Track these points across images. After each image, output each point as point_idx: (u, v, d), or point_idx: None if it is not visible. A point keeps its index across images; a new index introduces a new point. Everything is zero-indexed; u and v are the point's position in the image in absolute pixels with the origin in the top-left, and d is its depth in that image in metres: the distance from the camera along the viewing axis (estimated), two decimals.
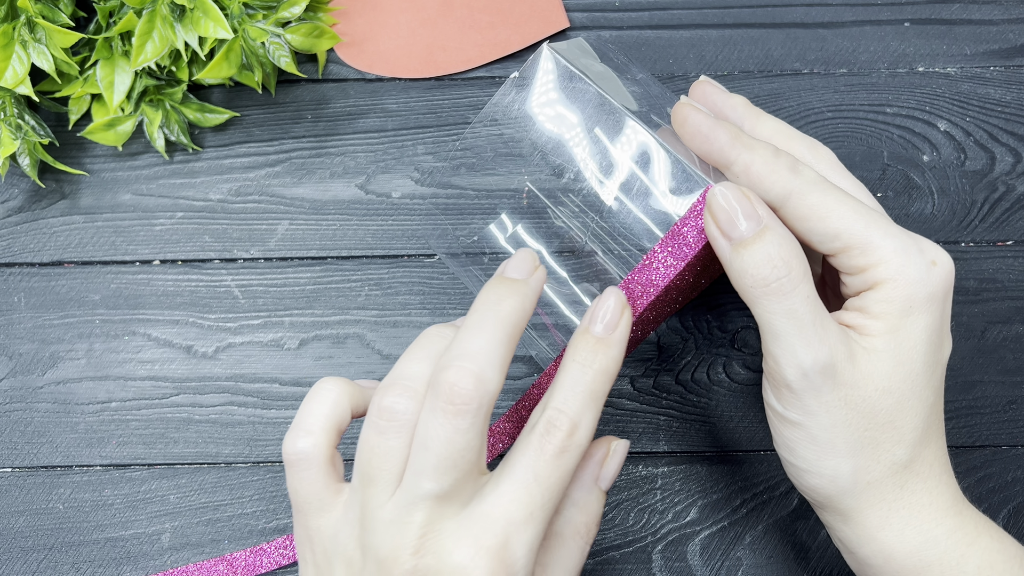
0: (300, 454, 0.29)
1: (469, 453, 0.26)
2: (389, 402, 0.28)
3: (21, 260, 0.42)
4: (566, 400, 0.28)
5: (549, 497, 0.27)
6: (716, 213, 0.28)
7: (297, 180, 0.42)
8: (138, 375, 0.40)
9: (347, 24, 0.44)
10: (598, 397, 0.28)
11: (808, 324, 0.27)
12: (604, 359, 0.28)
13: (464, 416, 0.26)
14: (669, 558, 0.39)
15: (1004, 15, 0.44)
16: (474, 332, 0.27)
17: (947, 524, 0.29)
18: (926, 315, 0.29)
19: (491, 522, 0.26)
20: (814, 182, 0.30)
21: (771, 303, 0.28)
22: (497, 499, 0.27)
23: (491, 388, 0.26)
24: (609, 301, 0.29)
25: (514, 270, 0.29)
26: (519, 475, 0.27)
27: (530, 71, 0.33)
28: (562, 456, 0.27)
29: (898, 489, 0.29)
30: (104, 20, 0.40)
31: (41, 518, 0.39)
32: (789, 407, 0.29)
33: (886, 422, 0.29)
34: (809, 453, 0.29)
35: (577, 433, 0.27)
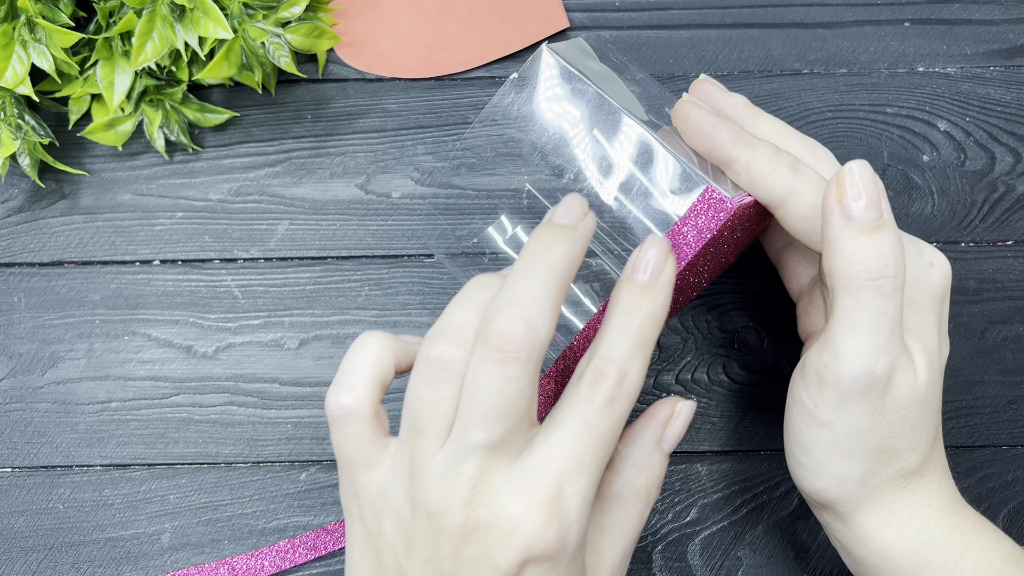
0: (344, 409, 0.28)
1: (520, 402, 0.26)
2: (438, 351, 0.27)
3: (21, 260, 0.42)
4: (613, 348, 0.27)
5: (601, 446, 0.26)
6: (846, 187, 0.27)
7: (297, 180, 0.42)
8: (138, 375, 0.40)
9: (347, 24, 0.44)
10: (646, 344, 0.27)
11: (888, 331, 0.27)
12: (650, 305, 0.27)
13: (515, 364, 0.25)
14: (669, 558, 0.39)
15: (1004, 15, 0.44)
16: (524, 279, 0.26)
17: (945, 524, 0.29)
18: (929, 316, 0.29)
19: (543, 473, 0.26)
20: (815, 182, 0.29)
21: (866, 297, 0.27)
22: (548, 450, 0.26)
23: (542, 335, 0.26)
24: (652, 248, 0.28)
25: (563, 216, 0.28)
26: (569, 425, 0.26)
27: (529, 72, 0.33)
28: (612, 404, 0.26)
29: (900, 491, 0.29)
30: (104, 20, 0.40)
31: (41, 518, 0.39)
32: (823, 406, 0.28)
33: (910, 432, 0.28)
34: (825, 456, 0.29)
35: (626, 381, 0.26)
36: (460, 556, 0.26)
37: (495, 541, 0.25)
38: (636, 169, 0.31)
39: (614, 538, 0.29)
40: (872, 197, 0.27)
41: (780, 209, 0.30)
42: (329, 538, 0.38)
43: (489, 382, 0.25)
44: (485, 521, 0.26)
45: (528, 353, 0.25)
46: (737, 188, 0.31)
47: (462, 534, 0.26)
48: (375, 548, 0.28)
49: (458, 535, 0.26)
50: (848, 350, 0.27)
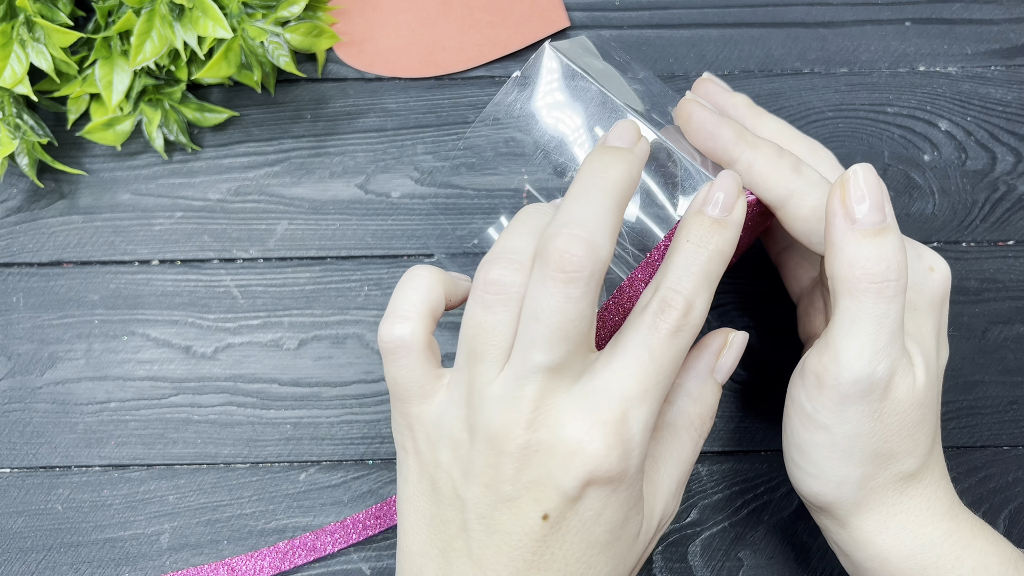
0: (398, 340, 0.28)
1: (581, 324, 0.25)
2: (496, 275, 0.26)
3: (20, 260, 0.41)
4: (680, 279, 0.27)
5: (664, 375, 0.26)
6: (850, 189, 0.27)
7: (296, 180, 0.42)
8: (137, 375, 0.40)
9: (347, 23, 0.44)
10: (712, 279, 0.27)
11: (888, 334, 0.27)
12: (720, 240, 0.27)
13: (576, 284, 0.25)
14: (669, 558, 0.39)
15: (1005, 15, 0.44)
16: (581, 200, 0.26)
17: (943, 528, 0.29)
18: (928, 320, 0.29)
19: (607, 396, 0.26)
20: (816, 183, 0.29)
21: (868, 301, 0.26)
22: (612, 375, 0.26)
23: (603, 255, 0.25)
24: (725, 181, 0.28)
25: (617, 138, 0.28)
26: (633, 351, 0.26)
27: (532, 70, 0.32)
28: (677, 335, 0.26)
29: (898, 494, 0.29)
30: (103, 19, 0.40)
31: (40, 519, 0.39)
32: (822, 409, 0.28)
33: (908, 435, 0.28)
34: (823, 459, 0.29)
35: (692, 313, 0.26)
36: (521, 479, 0.26)
37: (557, 463, 0.25)
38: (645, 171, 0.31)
39: (668, 468, 0.29)
40: (876, 200, 0.27)
41: (781, 209, 0.30)
42: (328, 539, 0.38)
43: (550, 303, 0.25)
44: (547, 443, 0.25)
45: (590, 272, 0.25)
46: None
47: (524, 456, 0.25)
48: (430, 478, 0.28)
49: (520, 457, 0.25)
50: (848, 353, 0.27)
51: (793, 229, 0.30)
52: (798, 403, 0.29)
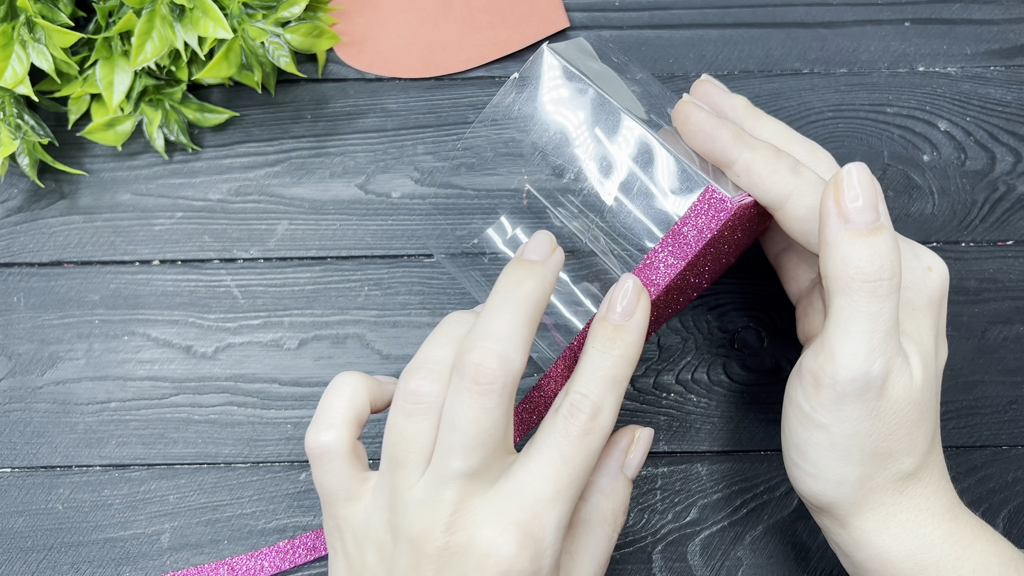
0: (323, 447, 0.29)
1: (496, 431, 0.27)
2: (415, 385, 0.28)
3: (20, 260, 0.42)
4: (588, 384, 0.28)
5: (575, 476, 0.27)
6: (844, 189, 0.27)
7: (297, 180, 0.42)
8: (137, 375, 0.40)
9: (347, 24, 0.44)
10: (619, 382, 0.28)
11: (883, 333, 0.27)
12: (623, 345, 0.29)
13: (490, 395, 0.26)
14: (669, 558, 0.39)
15: (1004, 15, 0.44)
16: (496, 314, 0.28)
17: (944, 528, 0.29)
18: (926, 320, 0.29)
19: (519, 499, 0.27)
20: (814, 184, 0.30)
21: (862, 300, 0.27)
22: (525, 477, 0.27)
23: (515, 367, 0.27)
24: (627, 286, 0.29)
25: (532, 252, 0.30)
26: (546, 454, 0.27)
27: (531, 72, 0.33)
28: (586, 437, 0.27)
29: (898, 495, 0.29)
30: (103, 20, 0.40)
31: (40, 518, 0.39)
32: (820, 408, 0.28)
33: (906, 434, 0.28)
34: (822, 459, 0.29)
35: (600, 416, 0.28)
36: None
37: (473, 563, 0.27)
38: (637, 169, 0.31)
39: (584, 563, 0.30)
40: (869, 199, 0.27)
41: (779, 210, 0.30)
42: None
43: (466, 413, 0.27)
44: (464, 545, 0.27)
45: (503, 384, 0.27)
46: (737, 188, 0.30)
47: (442, 558, 0.27)
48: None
49: (438, 559, 0.27)
50: (844, 351, 0.27)
51: (791, 230, 0.30)
52: (796, 403, 0.29)
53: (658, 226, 0.31)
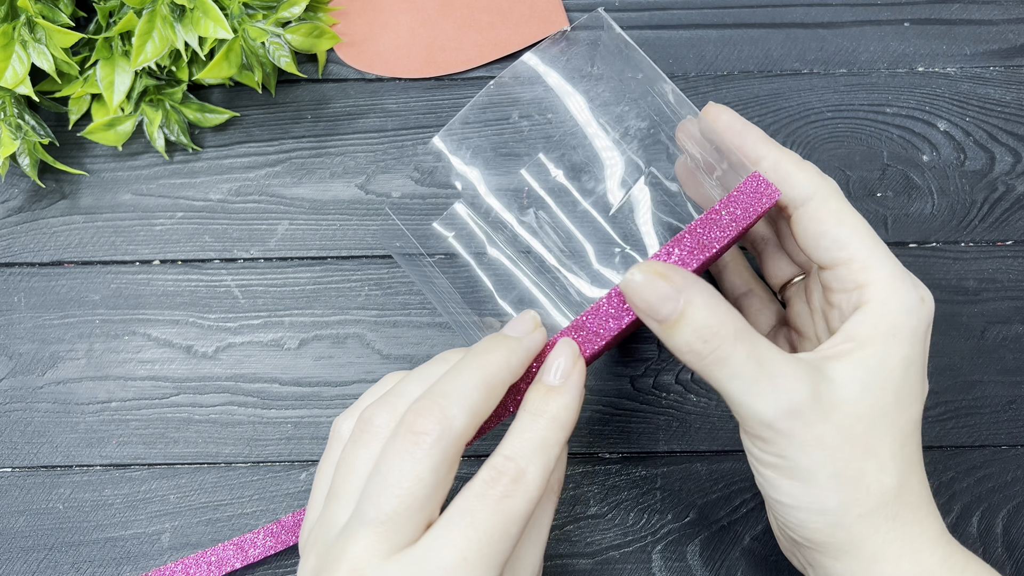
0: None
1: (419, 488, 0.26)
2: (368, 414, 0.28)
3: (21, 260, 0.42)
4: (514, 447, 0.27)
5: (488, 543, 0.26)
6: (636, 304, 0.28)
7: (297, 180, 0.42)
8: (138, 375, 0.40)
9: (347, 24, 0.44)
10: (549, 445, 0.27)
11: (756, 379, 0.27)
12: (555, 406, 0.28)
13: (420, 446, 0.26)
14: (669, 558, 0.39)
15: (1004, 15, 0.44)
16: (454, 374, 0.27)
17: (939, 553, 0.29)
18: (907, 346, 0.29)
19: (420, 567, 0.25)
20: (837, 190, 0.30)
21: (714, 371, 0.28)
22: (432, 542, 0.26)
23: (454, 425, 0.26)
24: (561, 352, 0.29)
25: (512, 329, 0.30)
26: (455, 520, 0.26)
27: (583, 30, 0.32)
28: (504, 501, 0.26)
29: (891, 520, 0.29)
30: (104, 20, 0.40)
31: (41, 518, 0.39)
32: (765, 451, 0.29)
33: (864, 448, 0.28)
34: (794, 489, 0.29)
35: (524, 479, 0.26)
36: None
37: None
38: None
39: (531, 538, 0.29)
40: (663, 292, 0.27)
41: (800, 208, 0.30)
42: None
43: (392, 458, 0.26)
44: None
45: (435, 439, 0.26)
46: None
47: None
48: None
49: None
50: (742, 411, 0.28)
51: (805, 230, 0.30)
52: (748, 450, 0.30)
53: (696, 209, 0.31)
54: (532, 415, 0.28)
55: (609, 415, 0.40)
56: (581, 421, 0.40)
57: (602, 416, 0.40)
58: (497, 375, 0.28)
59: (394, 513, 0.26)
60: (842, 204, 0.30)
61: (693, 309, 0.27)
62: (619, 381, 0.40)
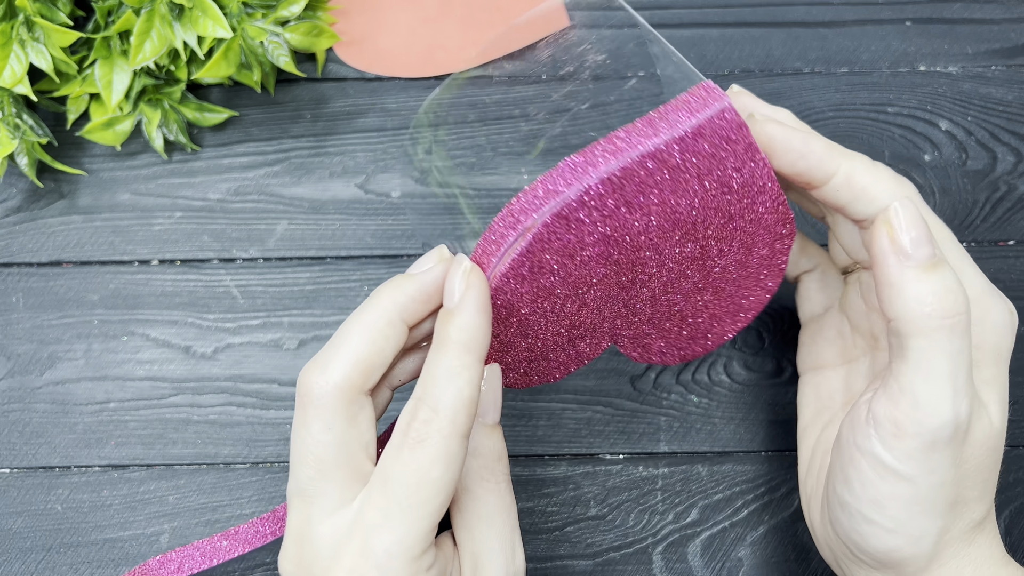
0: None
1: (320, 449, 0.25)
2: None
3: (19, 260, 0.41)
4: (423, 387, 0.26)
5: (407, 491, 0.24)
6: (899, 230, 0.25)
7: (296, 180, 0.42)
8: (136, 375, 0.40)
9: (346, 23, 0.44)
10: (456, 373, 0.25)
11: (966, 371, 0.25)
12: (455, 329, 0.26)
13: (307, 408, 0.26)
14: (670, 559, 0.39)
15: (1006, 14, 0.44)
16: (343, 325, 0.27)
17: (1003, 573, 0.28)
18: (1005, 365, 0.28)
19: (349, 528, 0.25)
20: (918, 199, 0.28)
21: (943, 338, 0.25)
22: (359, 504, 0.25)
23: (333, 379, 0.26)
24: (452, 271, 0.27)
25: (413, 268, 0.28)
26: (375, 477, 0.25)
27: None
28: (418, 446, 0.25)
29: (967, 545, 0.28)
30: (102, 19, 0.40)
31: (39, 519, 0.39)
32: (905, 459, 0.26)
33: (982, 481, 0.27)
34: (904, 512, 0.26)
35: (436, 418, 0.25)
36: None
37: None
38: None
39: (482, 530, 0.28)
40: (924, 234, 0.25)
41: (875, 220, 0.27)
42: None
43: (294, 426, 0.26)
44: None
45: (319, 395, 0.25)
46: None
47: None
48: None
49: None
50: (930, 396, 0.25)
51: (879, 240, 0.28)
52: (873, 454, 0.27)
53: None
54: (435, 346, 0.26)
55: (609, 415, 0.40)
56: (581, 421, 0.40)
57: (602, 416, 0.40)
58: (381, 315, 0.26)
59: (309, 480, 0.26)
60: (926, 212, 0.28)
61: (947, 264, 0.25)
62: (619, 381, 0.40)
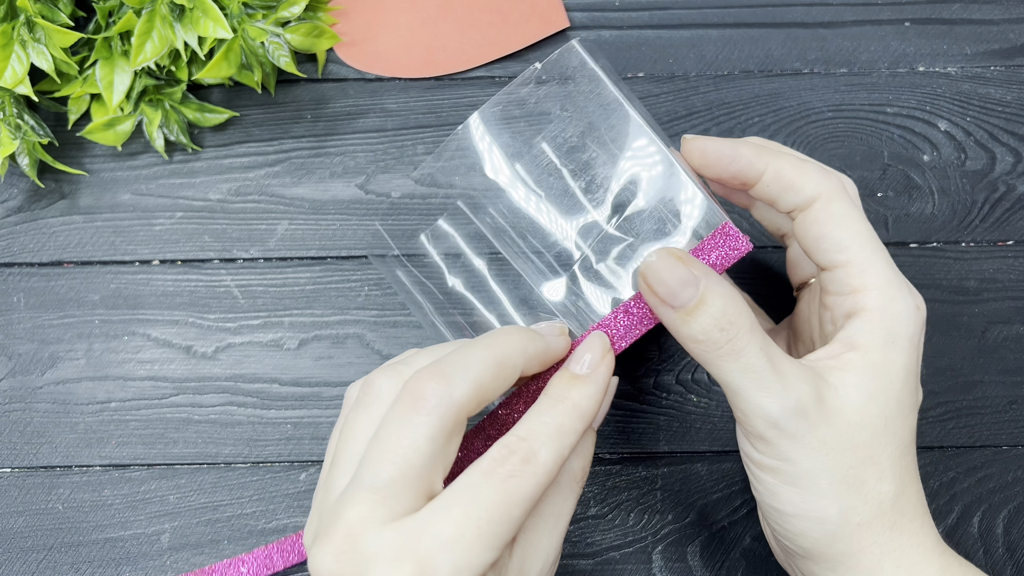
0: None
1: (415, 455, 0.25)
2: (373, 378, 0.28)
3: (20, 260, 0.42)
4: (530, 429, 0.27)
5: (488, 521, 0.25)
6: (654, 286, 0.28)
7: (297, 180, 0.42)
8: (137, 375, 0.40)
9: (347, 24, 0.44)
10: (565, 432, 0.27)
11: (767, 375, 0.27)
12: (578, 394, 0.28)
13: (419, 412, 0.25)
14: (669, 558, 0.39)
15: (1004, 15, 0.44)
16: (465, 346, 0.27)
17: (936, 564, 0.29)
18: (904, 354, 0.29)
19: (417, 537, 0.25)
20: (840, 191, 0.30)
21: (726, 363, 0.27)
22: (430, 515, 0.25)
23: (455, 394, 0.26)
24: (592, 343, 0.29)
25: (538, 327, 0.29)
26: (458, 494, 0.25)
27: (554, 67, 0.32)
28: (510, 480, 0.25)
29: (888, 531, 0.29)
30: (103, 20, 0.40)
31: (40, 518, 0.39)
32: (766, 454, 0.28)
33: (865, 457, 0.28)
34: (794, 496, 0.28)
35: (534, 461, 0.26)
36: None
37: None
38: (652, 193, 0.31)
39: (548, 525, 0.28)
40: (683, 277, 0.27)
41: (804, 211, 0.30)
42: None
43: (390, 424, 0.26)
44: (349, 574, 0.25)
45: (435, 404, 0.25)
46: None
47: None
48: None
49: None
50: (747, 408, 0.28)
51: (807, 232, 0.30)
52: (745, 452, 0.30)
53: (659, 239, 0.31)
54: (552, 400, 0.28)
55: (609, 415, 0.40)
56: None
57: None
58: (509, 355, 0.27)
59: (390, 480, 0.25)
60: (845, 206, 0.29)
61: (713, 296, 0.27)
62: (619, 381, 0.40)
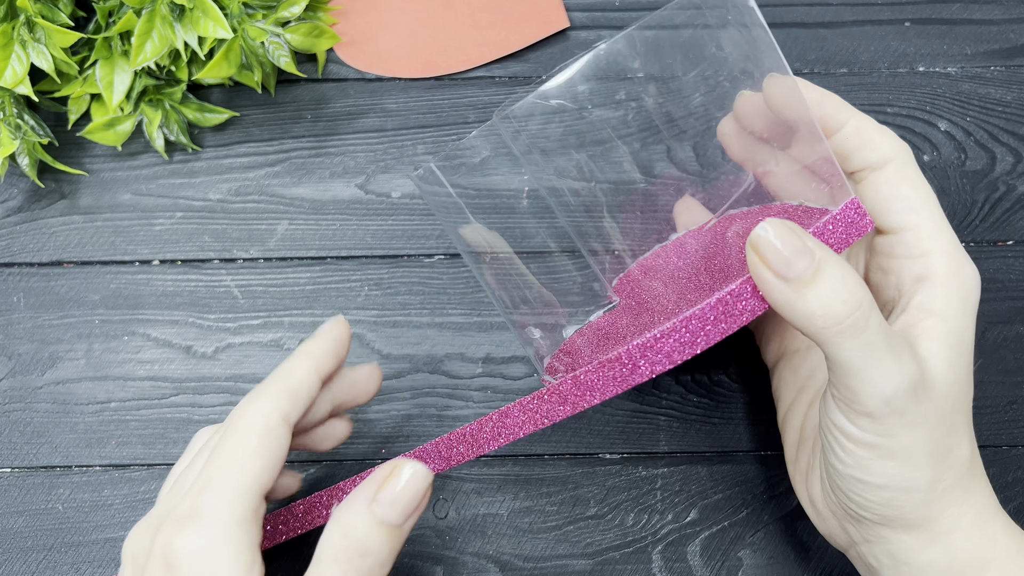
0: None
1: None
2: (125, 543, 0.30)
3: (20, 260, 0.42)
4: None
5: None
6: (767, 254, 0.26)
7: (297, 180, 0.42)
8: (137, 375, 0.40)
9: (347, 24, 0.44)
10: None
11: (886, 353, 0.26)
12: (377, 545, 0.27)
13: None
14: (669, 559, 0.39)
15: (1005, 15, 0.44)
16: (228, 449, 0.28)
17: (1000, 520, 0.29)
18: (973, 320, 0.29)
19: None
20: (913, 158, 0.30)
21: (847, 340, 0.26)
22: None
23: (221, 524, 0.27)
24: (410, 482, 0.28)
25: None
26: None
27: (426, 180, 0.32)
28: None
29: (964, 492, 0.29)
30: (103, 20, 0.40)
31: (40, 518, 0.39)
32: (867, 430, 0.27)
33: (950, 426, 0.28)
34: (887, 469, 0.28)
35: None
36: None
37: None
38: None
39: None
40: (797, 246, 0.26)
41: (877, 171, 0.30)
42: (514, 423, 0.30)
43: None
44: None
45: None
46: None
47: None
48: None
49: None
50: (861, 388, 0.27)
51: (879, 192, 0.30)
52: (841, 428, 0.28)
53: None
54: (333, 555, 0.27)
55: (609, 415, 0.40)
56: (582, 421, 0.40)
57: (602, 416, 0.40)
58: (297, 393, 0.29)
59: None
60: (918, 172, 0.30)
61: (830, 266, 0.26)
62: None
